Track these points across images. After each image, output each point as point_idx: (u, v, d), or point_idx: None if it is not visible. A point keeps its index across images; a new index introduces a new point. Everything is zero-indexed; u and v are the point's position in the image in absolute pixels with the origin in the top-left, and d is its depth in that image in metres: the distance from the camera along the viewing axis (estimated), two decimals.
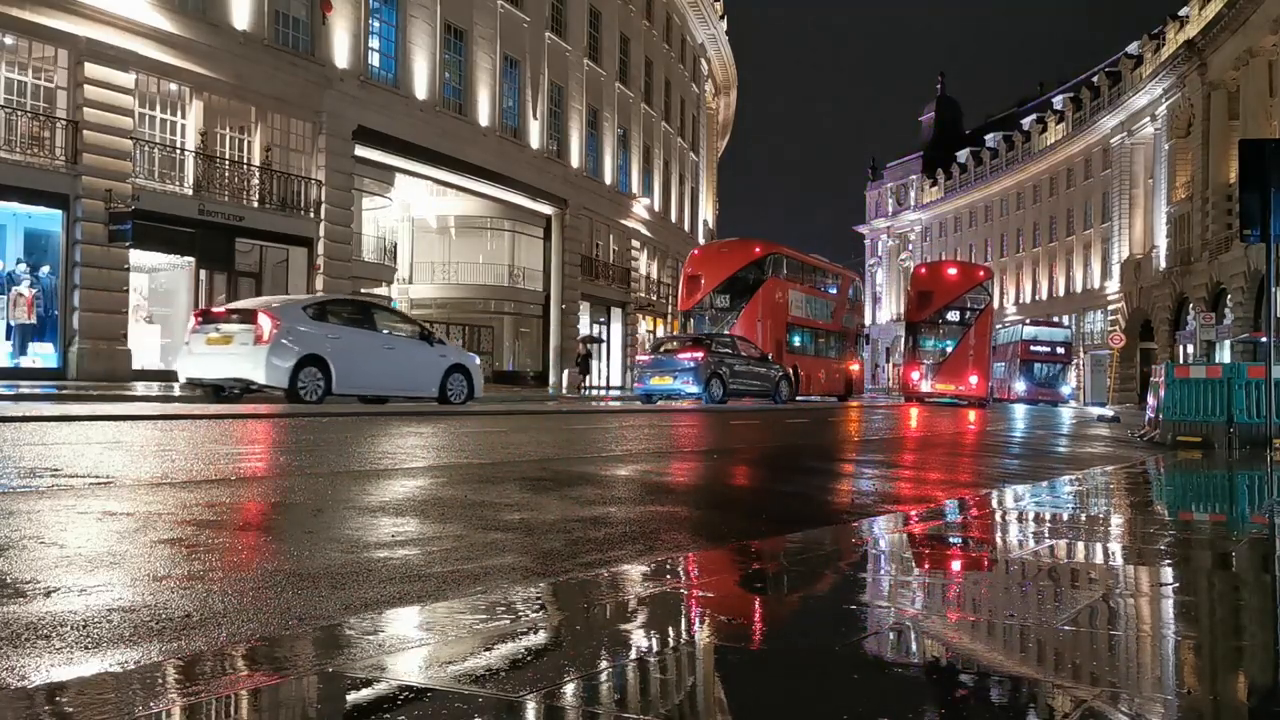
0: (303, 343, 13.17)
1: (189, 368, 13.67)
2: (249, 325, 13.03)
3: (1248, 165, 8.86)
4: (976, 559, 3.37)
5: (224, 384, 13.54)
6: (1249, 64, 38.99)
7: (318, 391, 13.24)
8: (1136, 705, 1.70)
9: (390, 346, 14.49)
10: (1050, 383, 46.69)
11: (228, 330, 13.22)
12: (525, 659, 1.93)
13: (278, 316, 13.14)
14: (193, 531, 3.44)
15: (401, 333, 15.15)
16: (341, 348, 13.63)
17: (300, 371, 13.00)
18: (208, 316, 13.95)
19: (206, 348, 13.33)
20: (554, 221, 35.23)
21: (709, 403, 21.06)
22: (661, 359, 22.31)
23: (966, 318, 34.77)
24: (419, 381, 14.89)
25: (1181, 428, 10.75)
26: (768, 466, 7.74)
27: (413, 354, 14.84)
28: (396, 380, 14.61)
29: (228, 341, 13.12)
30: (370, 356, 14.05)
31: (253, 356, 12.82)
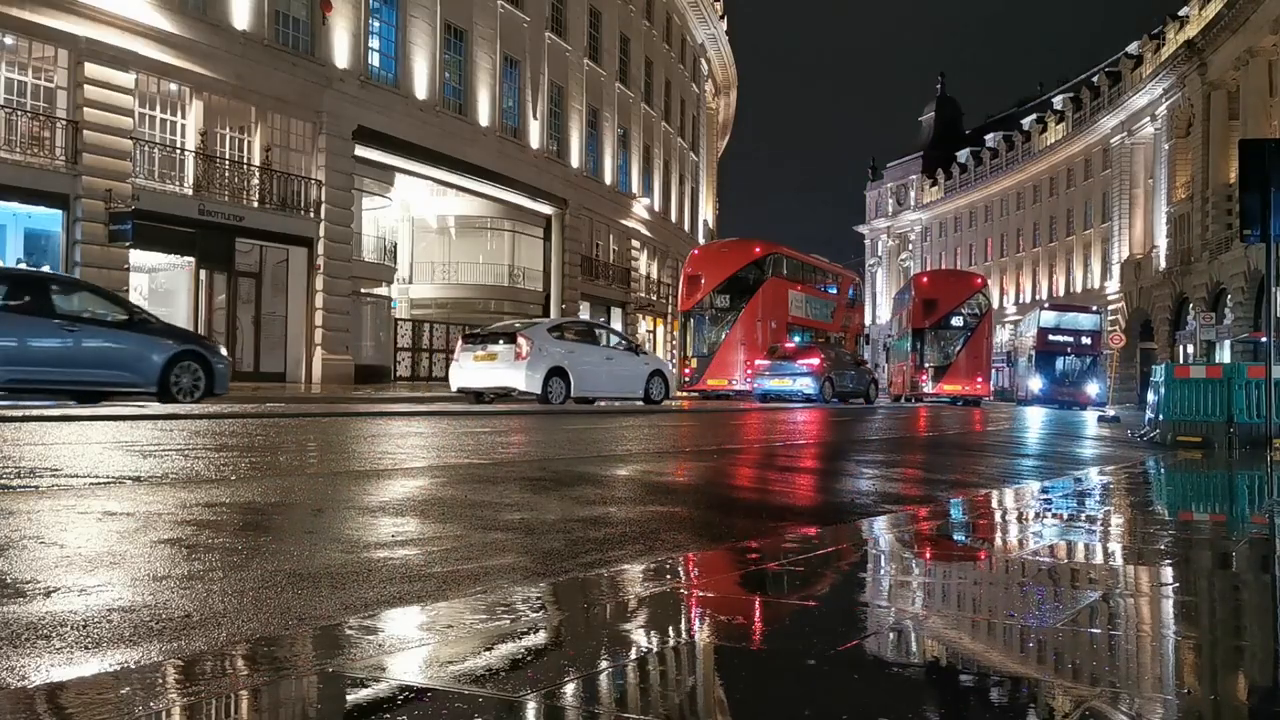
0: (550, 358, 16.22)
1: (460, 379, 16.74)
2: (511, 345, 16.09)
3: (1248, 165, 8.87)
4: (976, 559, 3.38)
5: (490, 392, 16.67)
6: (1249, 64, 39.00)
7: (561, 395, 16.28)
8: (1136, 705, 1.70)
9: (609, 357, 17.72)
10: (1075, 380, 39.03)
11: (492, 349, 16.30)
12: (525, 659, 1.93)
13: (531, 338, 16.13)
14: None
15: (617, 345, 18.43)
16: (576, 360, 16.69)
17: (549, 380, 16.02)
18: (472, 338, 17.19)
19: (474, 363, 16.43)
20: (554, 221, 35.24)
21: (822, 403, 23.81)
22: (780, 363, 25.28)
23: (969, 323, 36.73)
24: (630, 385, 17.94)
25: (1181, 428, 10.75)
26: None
27: (626, 363, 17.97)
28: (615, 385, 17.71)
29: (493, 358, 16.19)
30: (596, 366, 17.18)
31: (514, 369, 15.89)
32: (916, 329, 37.25)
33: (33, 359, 10.93)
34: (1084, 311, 44.11)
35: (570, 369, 16.52)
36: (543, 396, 16.03)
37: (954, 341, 36.26)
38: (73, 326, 11.24)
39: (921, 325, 36.92)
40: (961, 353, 35.92)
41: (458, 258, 34.66)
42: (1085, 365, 39.85)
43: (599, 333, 18.88)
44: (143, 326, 12.15)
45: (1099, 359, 41.09)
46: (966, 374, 35.83)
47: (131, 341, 11.77)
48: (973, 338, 36.59)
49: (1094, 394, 38.29)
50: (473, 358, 16.55)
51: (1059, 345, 39.62)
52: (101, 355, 11.53)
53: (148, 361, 11.80)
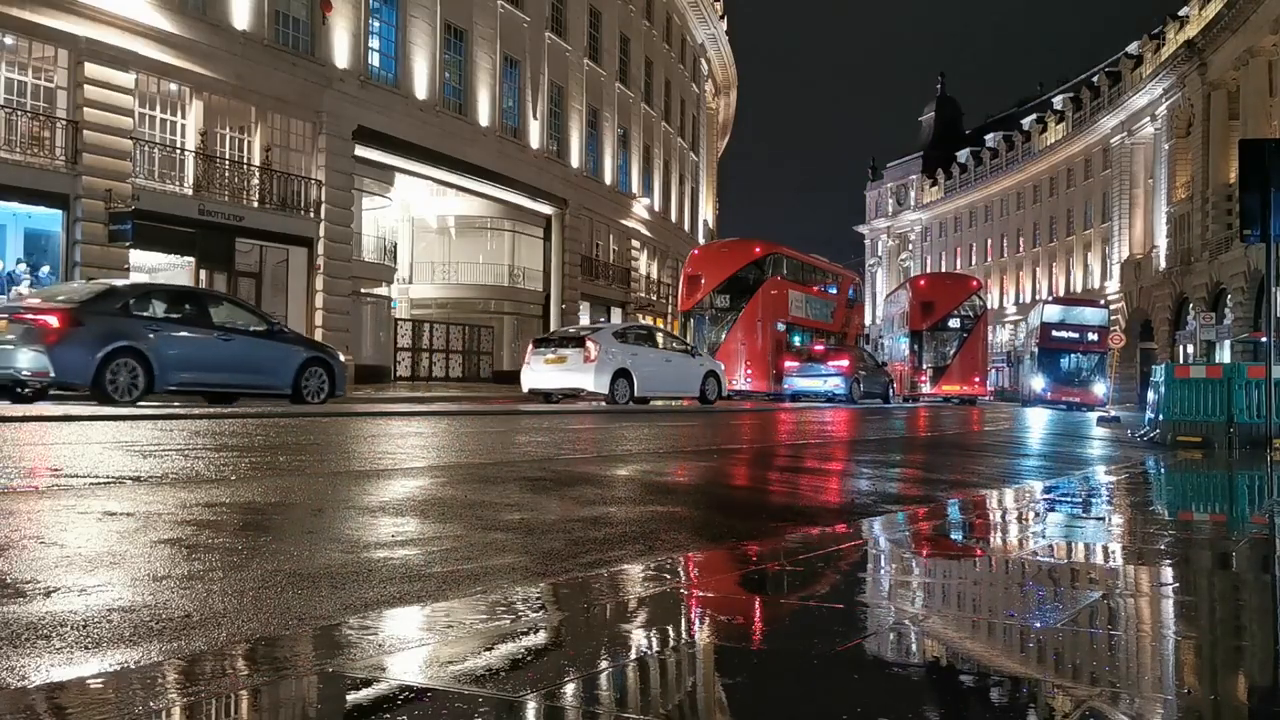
0: (616, 360, 17.38)
1: (532, 380, 17.85)
2: (580, 348, 17.21)
3: (1248, 165, 8.86)
4: (976, 559, 3.38)
5: (561, 393, 17.94)
6: (1249, 64, 39.00)
7: (625, 395, 17.45)
8: (1136, 705, 1.70)
9: (668, 359, 18.82)
10: (1080, 379, 36.46)
11: (562, 353, 17.45)
12: (525, 659, 1.93)
13: (599, 341, 17.32)
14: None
15: (675, 348, 19.62)
16: (638, 362, 17.83)
17: (615, 381, 17.16)
18: (543, 342, 18.38)
19: (545, 366, 17.59)
20: (554, 221, 35.23)
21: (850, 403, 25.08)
22: (811, 364, 26.80)
23: (966, 324, 37.68)
24: (687, 385, 19.10)
25: (1181, 428, 10.75)
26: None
27: (683, 364, 19.16)
28: (673, 385, 18.87)
29: (562, 361, 17.31)
30: (657, 368, 18.32)
31: (584, 371, 17.05)
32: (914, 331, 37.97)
33: (198, 365, 12.06)
34: (1090, 305, 41.80)
35: (633, 370, 17.63)
36: (609, 396, 17.22)
37: (951, 343, 37.14)
38: (227, 337, 12.43)
39: (919, 327, 37.70)
40: (959, 354, 36.86)
41: (458, 258, 34.66)
42: (1091, 363, 36.92)
43: (658, 336, 19.90)
44: (279, 335, 13.43)
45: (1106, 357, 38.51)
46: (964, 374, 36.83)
47: (271, 349, 12.97)
48: (969, 339, 37.47)
49: (1101, 394, 35.44)
50: (543, 361, 17.69)
51: (1063, 342, 36.92)
52: (251, 362, 12.69)
53: (285, 367, 12.96)
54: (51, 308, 11.13)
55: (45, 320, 10.81)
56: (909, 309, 39.29)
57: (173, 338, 11.81)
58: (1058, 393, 35.63)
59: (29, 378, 10.94)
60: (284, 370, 12.90)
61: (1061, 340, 36.78)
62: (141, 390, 11.35)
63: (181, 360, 11.80)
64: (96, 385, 10.92)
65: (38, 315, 10.92)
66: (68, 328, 10.83)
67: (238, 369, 12.53)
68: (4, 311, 11.40)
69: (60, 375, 10.85)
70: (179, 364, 11.76)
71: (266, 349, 12.91)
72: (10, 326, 10.84)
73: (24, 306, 11.44)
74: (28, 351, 10.71)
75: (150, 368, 11.35)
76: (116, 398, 11.01)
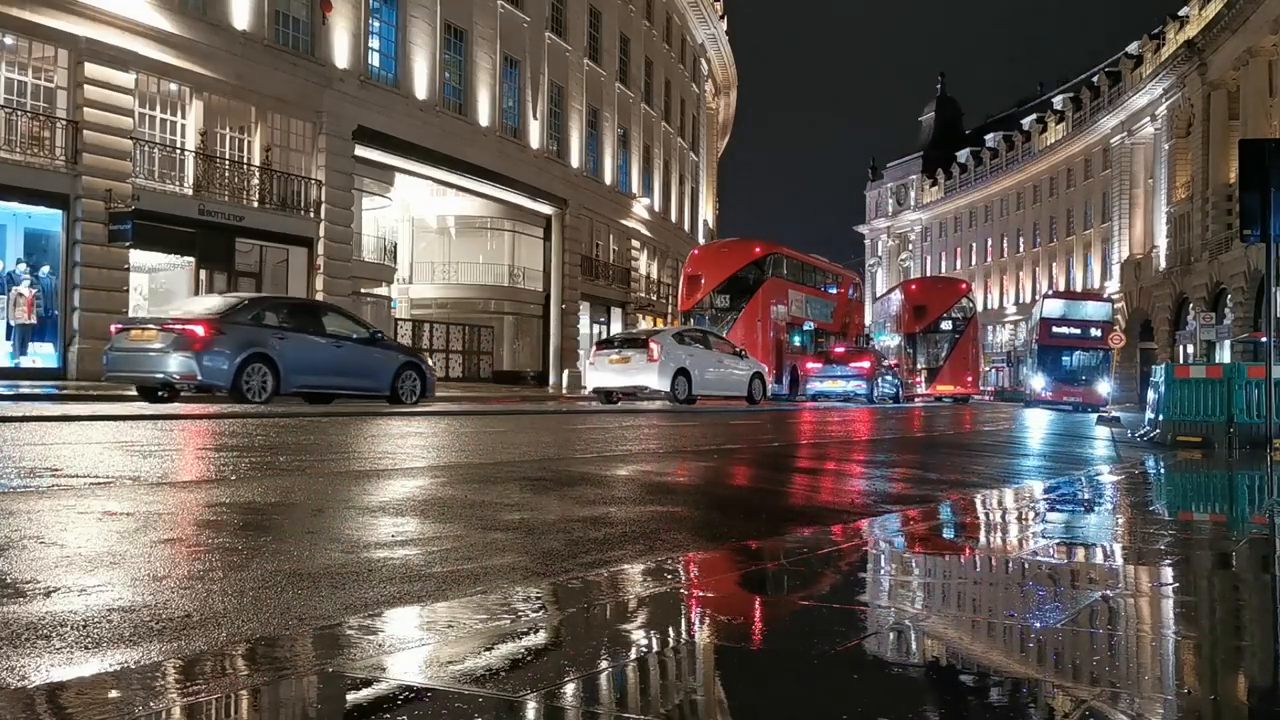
0: (676, 360, 18.55)
1: (596, 379, 19.27)
2: (643, 350, 18.49)
3: (1248, 165, 8.86)
4: (976, 559, 3.38)
5: (625, 392, 19.12)
6: (1249, 64, 39.00)
7: (685, 393, 18.56)
8: (1136, 705, 1.70)
9: (720, 361, 20.07)
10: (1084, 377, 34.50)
11: (626, 354, 18.73)
12: (525, 659, 1.93)
13: (660, 343, 18.64)
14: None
15: (725, 350, 20.84)
16: (695, 362, 19.04)
17: (675, 379, 18.35)
18: (607, 343, 19.87)
19: (610, 366, 18.85)
20: (554, 221, 35.22)
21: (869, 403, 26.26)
22: (832, 366, 27.83)
23: (957, 326, 38.75)
24: (737, 386, 20.39)
25: (1181, 428, 10.75)
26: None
27: (734, 365, 20.47)
28: (725, 385, 20.10)
29: (627, 361, 18.55)
30: (711, 368, 19.59)
31: (647, 370, 18.24)
32: (909, 333, 39.02)
33: (315, 369, 13.22)
34: (1093, 299, 40.25)
35: (691, 370, 18.83)
36: (670, 394, 18.34)
37: (943, 344, 38.22)
38: (338, 344, 13.59)
39: (913, 330, 38.80)
40: (951, 355, 37.93)
41: (458, 258, 34.64)
42: (1095, 360, 34.94)
43: (710, 339, 20.90)
44: (379, 342, 14.50)
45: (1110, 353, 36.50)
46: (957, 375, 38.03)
47: (374, 355, 14.09)
48: (961, 340, 38.50)
49: (1105, 393, 32.61)
50: (608, 361, 18.92)
51: (1064, 338, 35.07)
52: (357, 366, 13.82)
53: (385, 371, 14.12)
54: (197, 318, 12.24)
55: (192, 330, 11.94)
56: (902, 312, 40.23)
57: (294, 345, 12.95)
58: (1059, 392, 33.97)
59: (178, 380, 12.13)
60: (384, 374, 14.09)
61: (1062, 337, 35.04)
62: (270, 392, 12.50)
63: (302, 365, 12.97)
64: (235, 387, 12.12)
65: (185, 325, 12.03)
66: (211, 336, 12.02)
67: (346, 373, 13.70)
68: (153, 322, 12.58)
69: (206, 378, 12.01)
70: (300, 368, 12.93)
71: (369, 355, 14.04)
72: (161, 335, 12.02)
73: (171, 318, 12.54)
74: (178, 357, 11.87)
75: (278, 372, 12.56)
76: (250, 398, 12.21)
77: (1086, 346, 34.91)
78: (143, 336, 12.25)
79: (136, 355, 12.25)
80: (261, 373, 12.37)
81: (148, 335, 12.18)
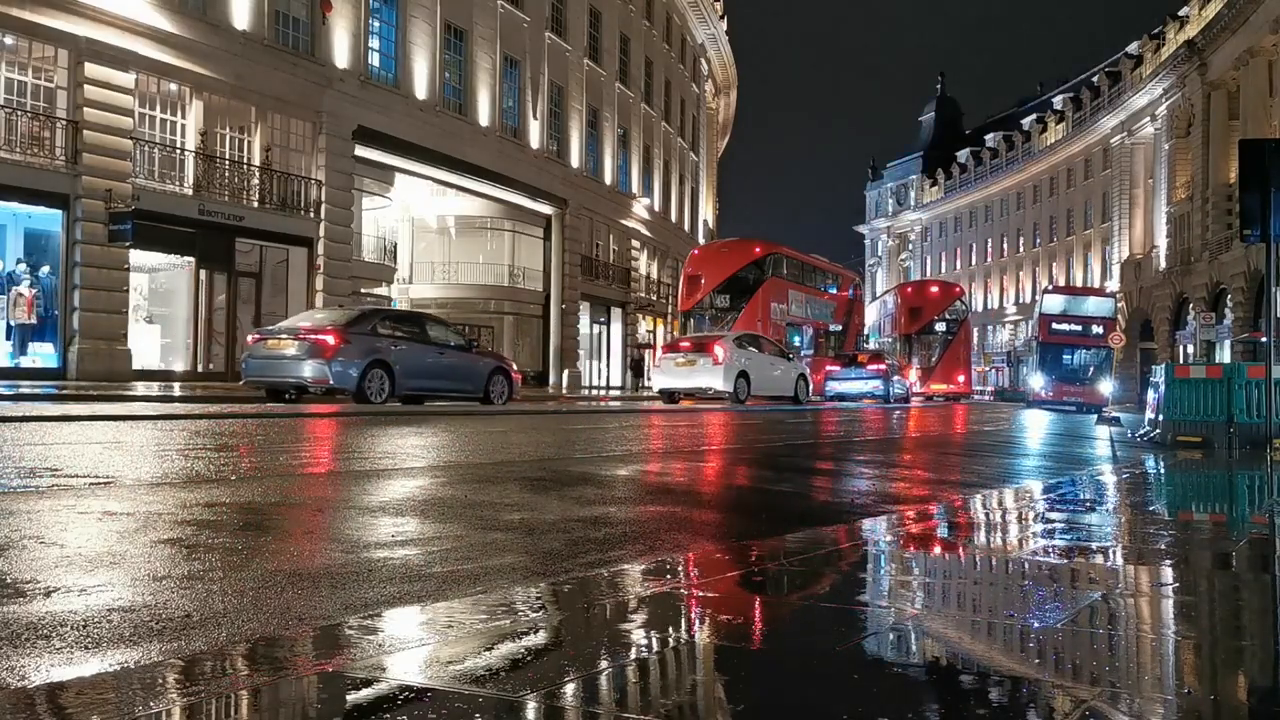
0: (738, 363, 20.03)
1: (663, 381, 20.73)
2: (707, 354, 19.86)
3: (1248, 165, 8.85)
4: (976, 559, 3.38)
5: (687, 392, 20.56)
6: (1249, 64, 39.00)
7: (745, 393, 20.05)
8: (1136, 705, 1.70)
9: (772, 363, 21.55)
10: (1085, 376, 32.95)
11: (691, 357, 20.13)
12: (525, 659, 1.93)
13: (725, 346, 20.06)
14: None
15: (776, 354, 22.26)
16: (753, 365, 20.51)
17: (737, 382, 19.77)
18: (672, 347, 21.45)
19: (676, 368, 20.34)
20: (554, 221, 35.22)
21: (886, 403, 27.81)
22: (850, 368, 29.37)
23: (951, 328, 40.42)
24: (785, 386, 21.88)
25: (1181, 428, 10.75)
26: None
27: (783, 367, 22.02)
28: (776, 386, 21.54)
29: (692, 364, 20.00)
30: (766, 370, 21.11)
31: (712, 373, 19.70)
32: (904, 335, 40.46)
33: (423, 374, 14.64)
34: (1095, 294, 38.98)
35: (750, 373, 20.24)
36: (733, 395, 19.75)
37: (937, 345, 39.93)
38: (440, 351, 15.05)
39: (908, 331, 40.29)
40: (945, 355, 39.57)
41: (458, 258, 34.63)
42: (1098, 359, 33.39)
43: (762, 342, 22.35)
44: (473, 349, 16.21)
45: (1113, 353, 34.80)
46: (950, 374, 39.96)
47: (469, 361, 15.65)
48: (953, 342, 40.28)
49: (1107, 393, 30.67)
50: (674, 364, 20.41)
51: (1065, 335, 33.56)
52: (456, 371, 15.28)
53: (478, 376, 15.66)
54: (327, 329, 13.59)
55: (324, 340, 13.34)
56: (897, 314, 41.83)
57: (406, 352, 14.39)
58: (1059, 391, 32.52)
59: (312, 384, 13.48)
60: (477, 378, 15.61)
61: (1063, 334, 33.58)
62: (387, 394, 13.90)
63: (412, 370, 14.40)
64: (359, 390, 13.52)
65: (318, 336, 13.42)
66: (340, 345, 13.42)
67: (447, 377, 15.18)
68: (287, 333, 13.89)
69: (336, 382, 13.41)
70: (410, 373, 14.36)
71: (466, 361, 15.60)
72: (296, 345, 13.43)
73: (303, 328, 13.80)
74: (311, 363, 13.26)
75: (393, 376, 13.98)
76: (372, 399, 13.58)
77: (1088, 344, 33.46)
78: (279, 345, 13.63)
79: (274, 362, 13.63)
80: (380, 377, 13.79)
81: (284, 344, 13.59)
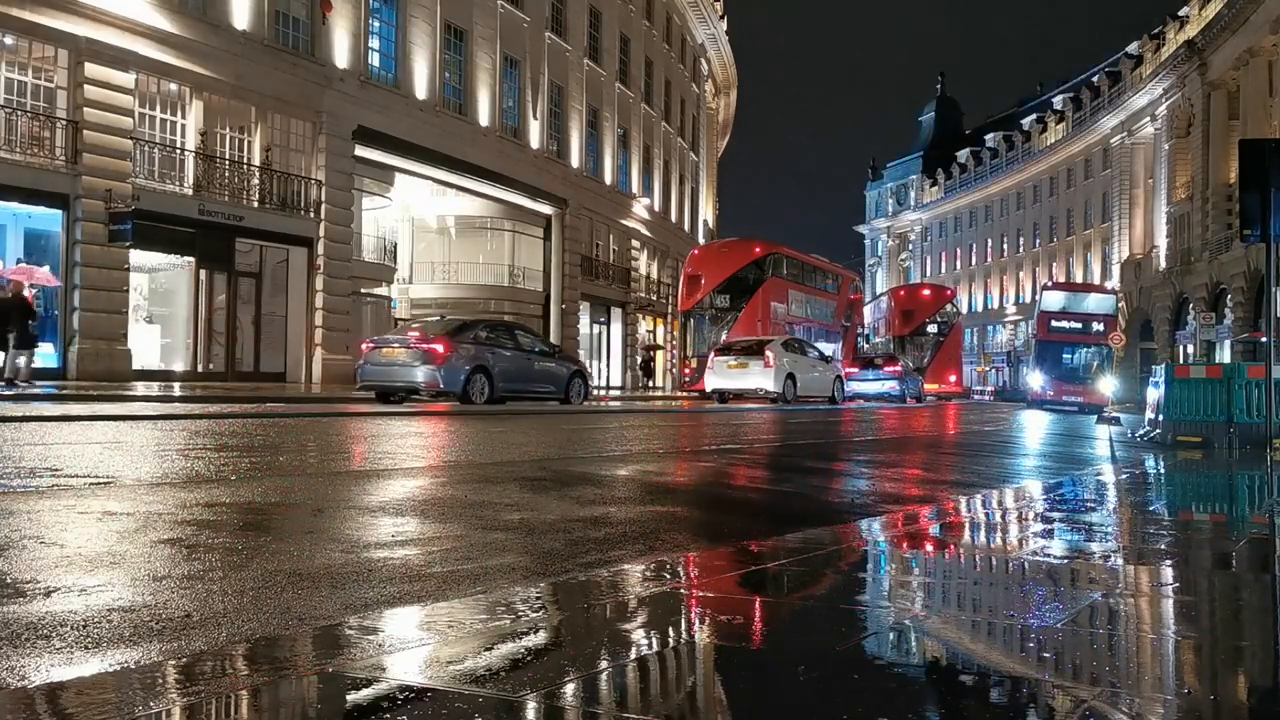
0: (786, 366, 21.61)
1: (715, 382, 22.14)
2: (759, 356, 21.49)
3: (1248, 165, 8.85)
4: (976, 559, 3.38)
5: (738, 392, 22.11)
6: (1249, 64, 39.00)
7: (791, 394, 21.58)
8: (1136, 705, 1.70)
9: (814, 366, 23.10)
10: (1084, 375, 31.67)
11: (743, 359, 21.69)
12: (525, 659, 1.93)
13: (775, 351, 21.59)
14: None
15: (817, 358, 23.73)
16: (798, 368, 22.09)
17: (785, 383, 21.38)
18: (725, 350, 22.64)
19: (728, 370, 21.86)
20: (554, 221, 35.21)
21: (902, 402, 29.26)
22: (868, 369, 30.86)
23: (942, 329, 41.99)
24: (824, 387, 23.27)
25: (1181, 428, 10.74)
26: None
27: (824, 370, 23.42)
28: (817, 386, 22.93)
29: (744, 367, 21.59)
30: (809, 373, 22.50)
31: (764, 374, 21.33)
32: (897, 336, 41.94)
33: (515, 378, 16.16)
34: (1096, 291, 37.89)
35: (797, 374, 21.79)
36: (781, 395, 21.29)
37: (928, 346, 41.11)
38: (529, 357, 16.70)
39: (901, 333, 41.77)
40: (936, 356, 40.64)
41: (458, 258, 34.63)
42: (1098, 357, 32.19)
43: (805, 347, 23.82)
44: (555, 354, 17.83)
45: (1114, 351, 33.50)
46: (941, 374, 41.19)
47: (553, 365, 17.22)
48: (945, 343, 41.75)
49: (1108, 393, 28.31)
50: (726, 366, 21.84)
51: (1065, 333, 32.66)
52: (542, 375, 16.88)
53: (560, 378, 17.19)
54: (436, 338, 15.05)
55: (434, 348, 14.78)
56: (890, 317, 43.48)
57: (502, 358, 15.88)
58: (1059, 391, 31.46)
59: (423, 387, 14.87)
60: (559, 381, 17.12)
61: (1063, 331, 32.68)
62: (487, 396, 15.33)
63: (507, 374, 15.89)
64: (464, 393, 14.99)
65: (430, 344, 14.84)
66: (449, 353, 14.88)
67: (535, 380, 16.75)
68: (398, 342, 15.34)
69: (445, 386, 14.83)
70: (506, 377, 15.83)
71: (550, 365, 17.15)
72: (408, 353, 14.91)
73: (414, 338, 15.20)
74: (424, 369, 14.70)
75: (492, 380, 15.47)
76: (474, 400, 15.04)
77: (1089, 342, 32.49)
78: (393, 353, 15.12)
79: (389, 368, 15.08)
80: (481, 381, 15.28)
81: (397, 353, 15.08)
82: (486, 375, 15.36)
